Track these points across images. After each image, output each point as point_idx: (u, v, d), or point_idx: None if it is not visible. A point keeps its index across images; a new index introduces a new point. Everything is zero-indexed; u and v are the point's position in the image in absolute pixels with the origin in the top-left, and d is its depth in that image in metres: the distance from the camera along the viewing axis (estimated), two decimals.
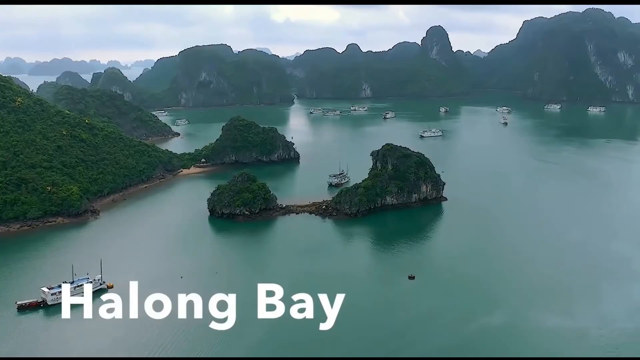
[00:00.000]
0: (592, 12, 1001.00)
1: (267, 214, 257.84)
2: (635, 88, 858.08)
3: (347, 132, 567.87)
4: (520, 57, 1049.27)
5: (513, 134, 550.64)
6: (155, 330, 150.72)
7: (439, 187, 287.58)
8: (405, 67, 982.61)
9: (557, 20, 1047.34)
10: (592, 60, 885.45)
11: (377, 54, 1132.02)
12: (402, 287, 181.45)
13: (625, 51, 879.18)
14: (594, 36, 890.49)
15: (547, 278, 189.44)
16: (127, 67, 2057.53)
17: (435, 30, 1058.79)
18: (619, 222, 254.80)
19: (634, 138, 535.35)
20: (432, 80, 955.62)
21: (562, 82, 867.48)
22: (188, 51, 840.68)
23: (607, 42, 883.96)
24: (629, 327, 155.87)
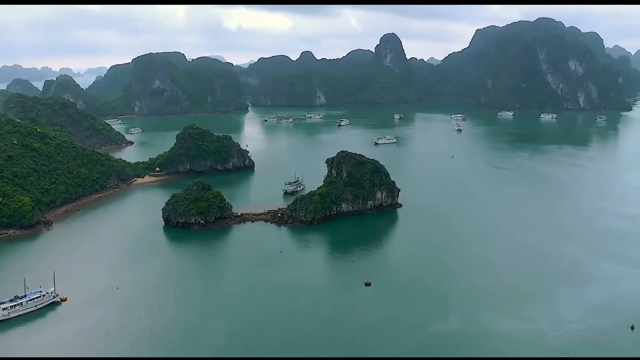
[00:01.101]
0: (543, 21, 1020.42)
1: (223, 222, 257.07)
2: (586, 95, 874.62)
3: (302, 139, 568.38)
4: (473, 65, 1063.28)
5: (467, 140, 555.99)
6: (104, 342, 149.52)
7: (394, 194, 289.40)
8: (360, 75, 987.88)
9: (509, 29, 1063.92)
10: (544, 68, 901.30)
11: (331, 62, 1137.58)
12: (359, 294, 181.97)
13: (576, 59, 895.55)
14: (546, 45, 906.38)
15: (502, 282, 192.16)
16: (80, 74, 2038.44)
17: (388, 38, 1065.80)
18: (571, 226, 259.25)
19: (585, 144, 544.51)
20: (386, 88, 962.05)
21: (514, 89, 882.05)
22: (141, 58, 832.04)
23: (558, 50, 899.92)
24: (582, 328, 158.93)
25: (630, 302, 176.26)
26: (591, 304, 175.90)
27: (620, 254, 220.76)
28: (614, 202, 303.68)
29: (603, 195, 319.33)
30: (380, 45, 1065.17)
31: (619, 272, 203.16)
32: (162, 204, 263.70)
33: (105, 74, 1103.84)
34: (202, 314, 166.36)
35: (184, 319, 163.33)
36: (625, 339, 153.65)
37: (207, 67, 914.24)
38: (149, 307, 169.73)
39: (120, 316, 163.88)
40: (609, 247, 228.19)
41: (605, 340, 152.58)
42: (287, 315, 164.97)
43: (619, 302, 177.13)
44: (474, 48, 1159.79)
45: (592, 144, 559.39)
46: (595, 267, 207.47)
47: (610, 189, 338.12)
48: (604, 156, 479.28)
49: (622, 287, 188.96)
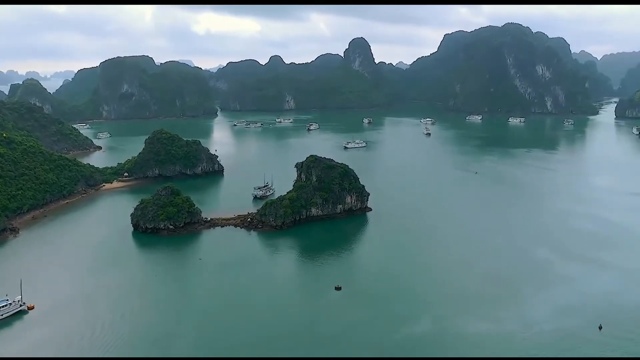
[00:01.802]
0: (510, 26, 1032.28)
1: (192, 227, 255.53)
2: (554, 100, 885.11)
3: (272, 144, 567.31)
4: (442, 69, 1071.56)
5: (436, 144, 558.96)
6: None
7: (364, 198, 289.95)
8: (329, 79, 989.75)
9: (477, 34, 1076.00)
10: (512, 73, 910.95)
11: (300, 66, 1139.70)
12: (329, 298, 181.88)
13: (543, 64, 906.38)
14: (513, 50, 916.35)
15: (472, 284, 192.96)
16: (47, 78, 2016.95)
17: (357, 42, 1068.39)
18: (540, 228, 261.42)
19: (553, 147, 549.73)
20: (355, 92, 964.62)
21: (483, 93, 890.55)
22: (109, 62, 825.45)
23: (526, 55, 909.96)
24: (551, 329, 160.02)
25: (598, 302, 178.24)
26: (560, 304, 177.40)
27: (589, 255, 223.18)
28: (582, 204, 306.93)
29: (572, 198, 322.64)
30: (349, 50, 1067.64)
31: (587, 273, 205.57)
32: (131, 209, 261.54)
33: (72, 77, 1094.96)
34: (171, 321, 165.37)
35: (153, 325, 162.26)
36: (593, 338, 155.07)
37: (176, 71, 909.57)
38: (117, 314, 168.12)
39: (88, 324, 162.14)
40: (578, 249, 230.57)
41: (573, 340, 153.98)
42: (257, 321, 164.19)
43: (587, 302, 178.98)
44: (443, 52, 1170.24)
45: (560, 147, 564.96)
46: (564, 268, 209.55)
47: (578, 191, 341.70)
48: (572, 159, 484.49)
49: (590, 288, 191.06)
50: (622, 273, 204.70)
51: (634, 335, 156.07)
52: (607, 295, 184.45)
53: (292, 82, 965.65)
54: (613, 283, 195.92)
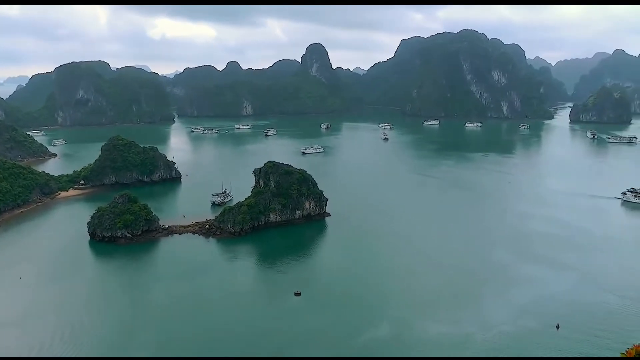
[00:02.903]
0: (466, 33, 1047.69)
1: (150, 235, 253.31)
2: (510, 104, 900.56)
3: (229, 150, 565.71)
4: (399, 74, 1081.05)
5: (394, 149, 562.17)
6: None
7: (322, 203, 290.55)
8: (286, 84, 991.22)
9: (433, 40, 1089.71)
10: (468, 79, 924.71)
11: (257, 72, 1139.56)
12: (289, 304, 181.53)
13: (499, 70, 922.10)
14: (469, 56, 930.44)
15: (431, 288, 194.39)
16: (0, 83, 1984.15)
17: (314, 48, 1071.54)
18: (498, 231, 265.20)
19: (509, 151, 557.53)
20: (312, 97, 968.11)
21: (439, 99, 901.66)
22: (64, 67, 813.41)
23: (482, 61, 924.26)
24: (510, 329, 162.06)
25: (555, 303, 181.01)
26: (518, 305, 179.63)
27: (546, 256, 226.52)
28: (539, 206, 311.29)
29: (529, 200, 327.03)
30: (306, 55, 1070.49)
31: (545, 274, 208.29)
32: (87, 217, 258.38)
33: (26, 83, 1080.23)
34: (128, 330, 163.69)
35: (110, 335, 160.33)
36: (551, 338, 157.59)
37: (132, 77, 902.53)
38: (73, 325, 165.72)
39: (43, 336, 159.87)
40: (536, 251, 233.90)
41: (532, 340, 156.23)
42: (215, 328, 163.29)
43: (544, 302, 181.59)
44: (399, 58, 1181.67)
45: (516, 151, 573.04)
46: (522, 270, 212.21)
47: (535, 194, 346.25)
48: (529, 163, 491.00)
49: (547, 288, 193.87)
50: (578, 274, 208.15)
51: (590, 334, 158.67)
52: (564, 296, 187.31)
53: (249, 88, 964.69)
54: (570, 283, 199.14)
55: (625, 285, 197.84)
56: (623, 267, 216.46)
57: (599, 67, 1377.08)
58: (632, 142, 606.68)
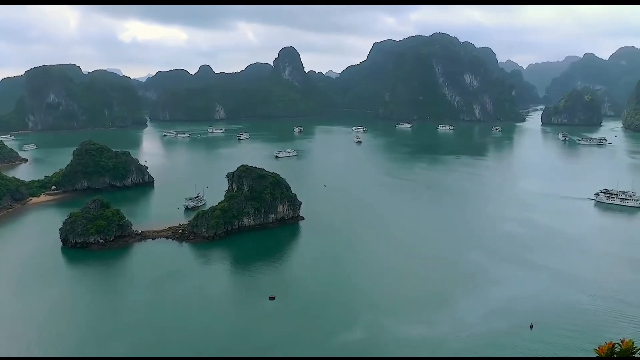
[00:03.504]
0: (438, 36, 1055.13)
1: (123, 241, 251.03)
2: (482, 107, 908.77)
3: (202, 154, 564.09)
4: (372, 77, 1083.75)
5: (367, 152, 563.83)
6: None
7: (296, 207, 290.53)
8: (259, 88, 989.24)
9: (405, 43, 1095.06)
10: (441, 82, 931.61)
11: (229, 75, 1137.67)
12: (263, 309, 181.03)
13: (471, 73, 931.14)
14: (441, 59, 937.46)
15: (404, 290, 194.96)
16: None
17: (287, 51, 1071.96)
18: (471, 232, 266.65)
19: (482, 154, 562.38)
20: (285, 101, 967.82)
21: (412, 102, 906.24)
22: (34, 70, 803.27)
23: (454, 64, 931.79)
24: (483, 330, 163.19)
25: (529, 302, 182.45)
26: (492, 306, 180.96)
27: (519, 257, 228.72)
28: (511, 208, 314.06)
29: (501, 202, 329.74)
30: (279, 59, 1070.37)
31: (517, 274, 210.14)
32: (59, 223, 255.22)
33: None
34: (100, 338, 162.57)
35: (82, 343, 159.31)
36: (525, 337, 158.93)
37: (104, 81, 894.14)
38: (44, 334, 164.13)
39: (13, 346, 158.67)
40: (508, 251, 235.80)
41: (506, 340, 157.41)
42: (189, 334, 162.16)
43: (518, 303, 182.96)
44: (372, 61, 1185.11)
45: (489, 153, 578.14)
46: (495, 270, 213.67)
47: (507, 195, 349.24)
48: (501, 165, 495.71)
49: (521, 289, 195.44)
50: (552, 274, 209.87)
51: (563, 334, 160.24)
52: (537, 296, 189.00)
53: (222, 92, 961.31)
54: (543, 284, 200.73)
55: (598, 284, 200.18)
56: (596, 267, 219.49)
57: (569, 71, 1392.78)
58: (602, 144, 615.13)
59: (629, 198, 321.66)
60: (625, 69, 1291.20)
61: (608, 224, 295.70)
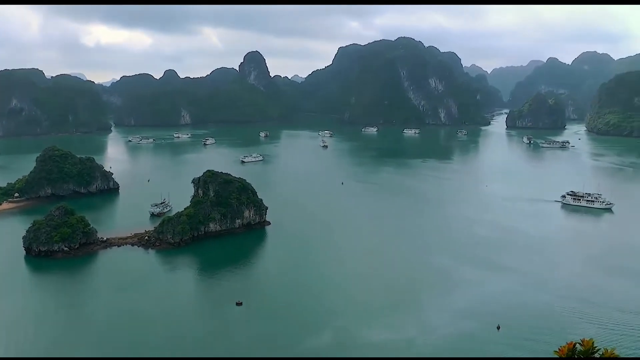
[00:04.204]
0: (403, 40, 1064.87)
1: (88, 248, 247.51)
2: (447, 111, 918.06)
3: (168, 160, 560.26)
4: (337, 82, 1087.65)
5: (333, 156, 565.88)
6: None
7: (262, 212, 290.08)
8: (224, 93, 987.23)
9: (370, 47, 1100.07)
10: (406, 86, 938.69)
11: (195, 80, 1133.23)
12: (230, 314, 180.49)
13: (436, 77, 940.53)
14: (407, 63, 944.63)
15: (372, 294, 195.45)
16: None
17: (252, 56, 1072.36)
18: (437, 236, 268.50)
19: (447, 157, 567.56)
20: (251, 106, 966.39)
21: (378, 106, 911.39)
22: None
23: (419, 69, 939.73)
24: (451, 332, 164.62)
25: (495, 304, 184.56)
26: (460, 308, 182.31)
27: (486, 259, 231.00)
28: (478, 211, 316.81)
29: (468, 205, 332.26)
30: (244, 64, 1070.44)
31: (484, 276, 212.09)
32: (23, 232, 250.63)
33: None
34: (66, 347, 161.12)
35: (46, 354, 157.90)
36: (492, 339, 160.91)
37: (67, 86, 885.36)
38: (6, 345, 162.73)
39: None
40: (475, 254, 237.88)
41: (473, 341, 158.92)
42: (155, 341, 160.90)
43: (485, 304, 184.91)
44: (337, 65, 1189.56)
45: (454, 157, 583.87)
46: (462, 273, 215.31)
47: (473, 199, 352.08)
48: (467, 168, 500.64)
49: (488, 290, 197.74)
50: (518, 275, 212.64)
51: (530, 334, 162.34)
52: (504, 297, 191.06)
53: (187, 97, 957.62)
54: (510, 285, 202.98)
55: (563, 285, 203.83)
56: (561, 268, 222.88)
57: (533, 75, 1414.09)
58: (565, 147, 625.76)
59: (595, 200, 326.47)
60: (588, 73, 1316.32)
61: (574, 225, 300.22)
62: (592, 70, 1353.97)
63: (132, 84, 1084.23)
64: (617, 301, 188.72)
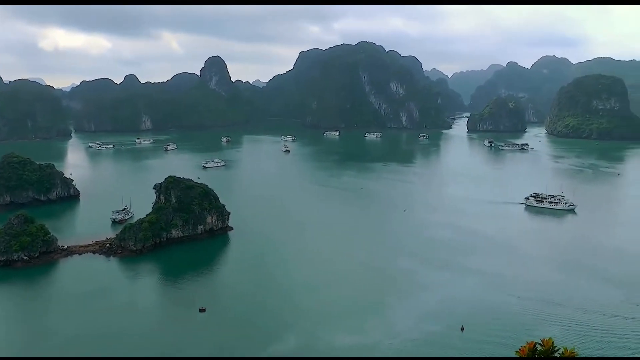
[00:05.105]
0: (364, 44, 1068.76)
1: (48, 257, 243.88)
2: (408, 115, 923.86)
3: (129, 166, 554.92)
4: (298, 86, 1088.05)
5: (295, 161, 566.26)
6: None
7: (225, 217, 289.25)
8: (186, 98, 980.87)
9: (331, 52, 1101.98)
10: (367, 90, 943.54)
11: (156, 85, 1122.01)
12: (193, 321, 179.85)
13: (397, 81, 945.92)
14: (368, 67, 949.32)
15: (336, 299, 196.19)
16: None
17: (213, 61, 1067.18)
18: (400, 239, 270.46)
19: (409, 161, 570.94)
20: (212, 111, 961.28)
21: (339, 110, 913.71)
22: None
23: (380, 73, 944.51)
24: (416, 335, 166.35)
25: (459, 306, 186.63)
26: (423, 311, 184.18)
27: (449, 261, 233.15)
28: (440, 213, 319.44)
29: (430, 208, 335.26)
30: (205, 69, 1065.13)
31: (447, 278, 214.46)
32: None
33: None
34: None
35: None
36: (456, 340, 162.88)
37: (26, 90, 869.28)
38: None
39: None
40: (439, 257, 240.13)
41: (437, 343, 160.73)
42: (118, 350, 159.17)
43: (448, 306, 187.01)
44: (299, 70, 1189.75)
45: (416, 160, 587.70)
46: (426, 276, 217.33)
47: (436, 201, 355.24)
48: (429, 171, 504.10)
49: (451, 292, 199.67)
50: (482, 277, 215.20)
51: (493, 335, 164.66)
52: (468, 299, 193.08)
53: (148, 102, 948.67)
54: (473, 287, 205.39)
55: (527, 286, 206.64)
56: (524, 269, 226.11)
57: (493, 79, 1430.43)
58: (524, 149, 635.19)
59: (558, 201, 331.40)
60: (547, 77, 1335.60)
61: (538, 227, 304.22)
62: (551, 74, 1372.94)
63: (93, 89, 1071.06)
64: (579, 301, 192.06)
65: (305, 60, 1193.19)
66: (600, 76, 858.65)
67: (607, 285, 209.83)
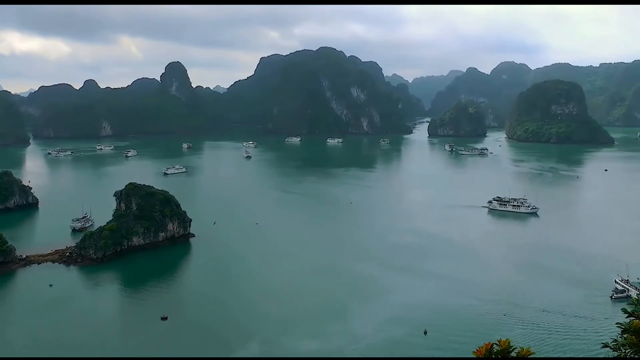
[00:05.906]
0: (325, 50, 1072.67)
1: (5, 267, 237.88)
2: (369, 120, 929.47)
3: (89, 173, 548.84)
4: (260, 92, 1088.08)
5: (256, 167, 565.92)
6: None
7: (186, 224, 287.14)
8: (146, 104, 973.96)
9: (292, 57, 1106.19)
10: (328, 95, 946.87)
11: (116, 91, 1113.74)
12: (155, 329, 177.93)
13: (358, 87, 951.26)
14: (328, 73, 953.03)
15: (298, 304, 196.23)
16: None
17: (174, 66, 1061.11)
18: (362, 244, 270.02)
19: (371, 166, 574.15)
20: (173, 117, 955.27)
21: (300, 116, 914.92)
22: None
23: (341, 78, 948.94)
24: (379, 339, 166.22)
25: (422, 310, 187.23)
26: (386, 315, 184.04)
27: (411, 265, 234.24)
28: (401, 218, 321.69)
29: (391, 213, 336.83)
30: (166, 74, 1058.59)
31: (409, 283, 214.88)
32: None
33: None
34: None
35: None
36: (419, 343, 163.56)
37: None
38: None
39: None
40: (401, 261, 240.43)
41: (401, 347, 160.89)
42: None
43: (411, 310, 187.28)
44: (259, 75, 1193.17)
45: (378, 165, 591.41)
46: (388, 280, 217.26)
47: (397, 206, 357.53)
48: (390, 176, 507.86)
49: (414, 297, 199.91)
50: (444, 281, 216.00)
51: (456, 337, 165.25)
52: (430, 303, 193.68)
53: (108, 107, 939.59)
54: (435, 290, 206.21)
55: (489, 288, 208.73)
56: (486, 272, 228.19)
57: (453, 84, 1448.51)
58: (483, 154, 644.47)
59: (521, 205, 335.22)
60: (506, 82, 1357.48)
61: (501, 230, 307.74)
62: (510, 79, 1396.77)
63: (51, 95, 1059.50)
64: (541, 302, 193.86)
65: (266, 66, 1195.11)
66: (558, 82, 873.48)
67: (568, 286, 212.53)
